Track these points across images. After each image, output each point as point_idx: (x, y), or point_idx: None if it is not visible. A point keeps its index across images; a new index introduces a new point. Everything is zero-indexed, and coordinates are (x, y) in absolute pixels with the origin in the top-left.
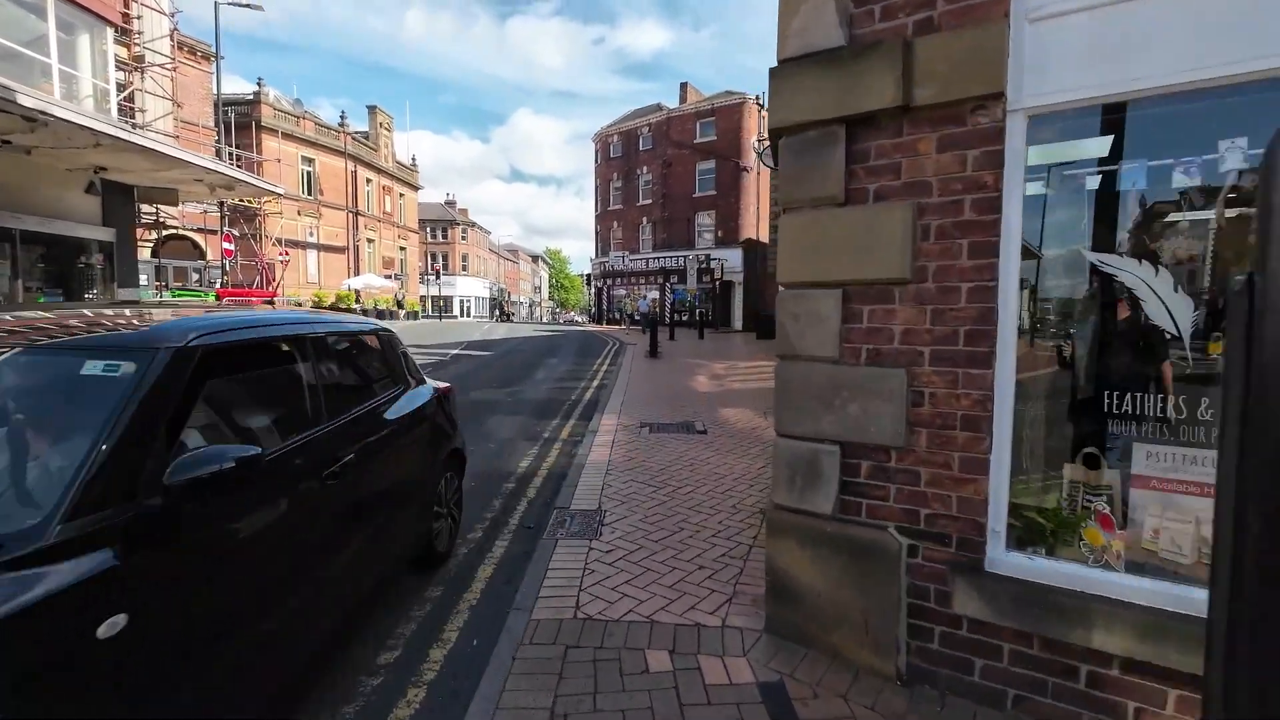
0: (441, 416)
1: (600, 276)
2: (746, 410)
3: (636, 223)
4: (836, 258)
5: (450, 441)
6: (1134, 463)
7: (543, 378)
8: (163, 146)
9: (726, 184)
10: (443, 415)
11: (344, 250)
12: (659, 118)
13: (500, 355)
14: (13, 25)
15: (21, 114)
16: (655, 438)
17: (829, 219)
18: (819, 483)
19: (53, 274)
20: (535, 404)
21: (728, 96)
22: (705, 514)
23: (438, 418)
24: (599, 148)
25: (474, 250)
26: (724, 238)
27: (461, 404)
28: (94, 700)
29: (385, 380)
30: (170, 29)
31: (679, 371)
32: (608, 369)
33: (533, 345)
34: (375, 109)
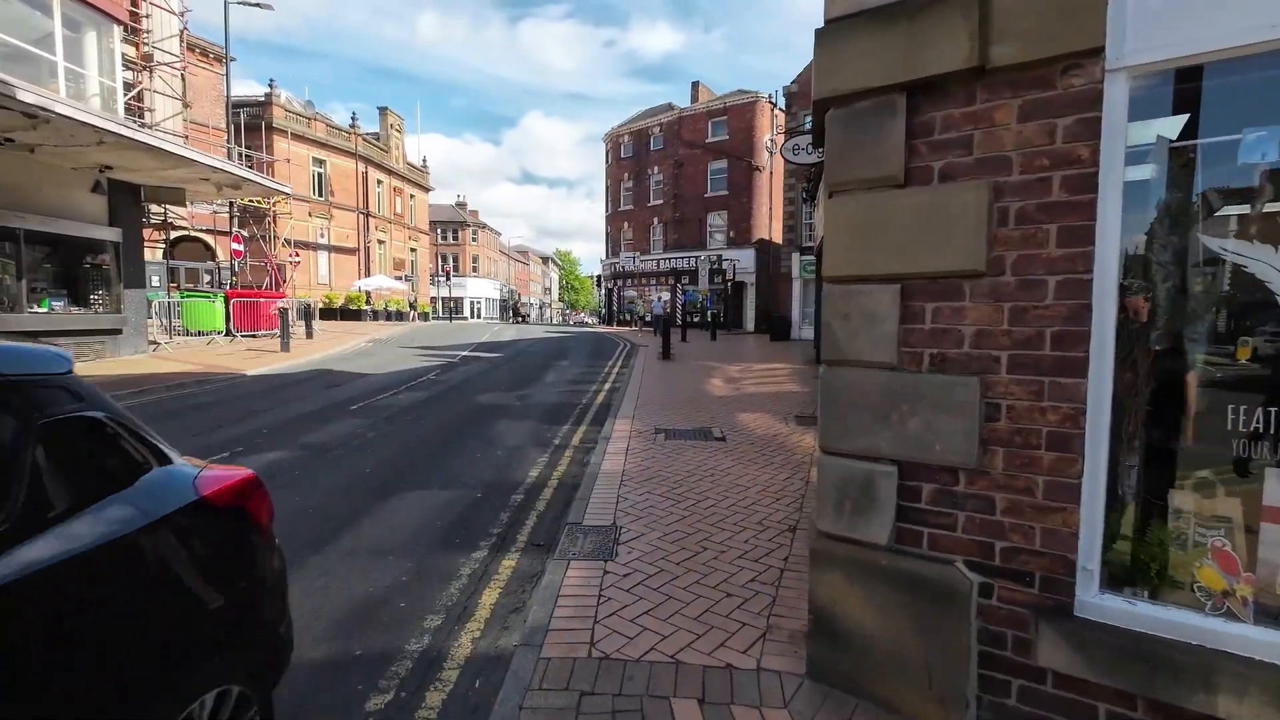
0: (216, 549)
1: (611, 278)
2: (765, 415)
3: (647, 223)
4: (894, 248)
5: (238, 618)
6: (1267, 492)
7: (553, 380)
8: (166, 144)
9: (739, 184)
10: (221, 549)
11: (355, 251)
12: (670, 117)
13: (510, 357)
14: (20, 24)
15: (22, 110)
16: (672, 445)
17: (885, 203)
18: (873, 508)
19: (59, 275)
20: (546, 408)
21: (740, 95)
22: (729, 531)
23: (191, 553)
24: (610, 148)
25: (484, 251)
26: (736, 238)
27: (471, 409)
28: None
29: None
30: (180, 29)
31: (693, 374)
32: (619, 371)
33: (543, 347)
34: (386, 110)
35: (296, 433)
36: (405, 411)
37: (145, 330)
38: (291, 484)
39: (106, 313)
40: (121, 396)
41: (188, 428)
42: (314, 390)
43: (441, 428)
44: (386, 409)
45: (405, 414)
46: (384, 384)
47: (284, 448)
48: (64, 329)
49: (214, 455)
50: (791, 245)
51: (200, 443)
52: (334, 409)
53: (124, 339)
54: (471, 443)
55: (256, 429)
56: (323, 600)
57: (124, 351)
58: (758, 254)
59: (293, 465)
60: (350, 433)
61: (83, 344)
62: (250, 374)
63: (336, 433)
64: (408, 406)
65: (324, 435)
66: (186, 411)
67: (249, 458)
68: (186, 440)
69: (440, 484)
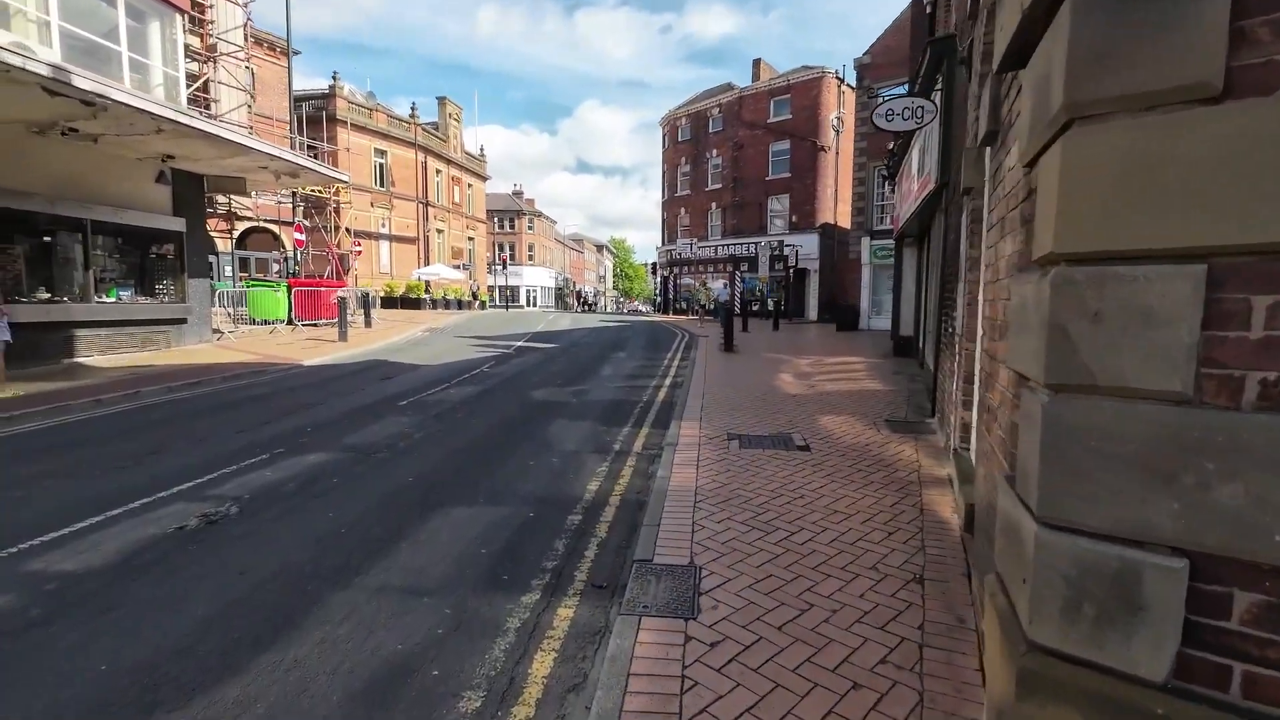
0: None
1: (666, 265)
2: (850, 419)
3: (705, 209)
4: (1196, 205)
5: None
6: None
7: (610, 374)
8: (219, 130)
9: (802, 165)
10: None
11: (414, 241)
12: (730, 97)
13: (565, 348)
14: (89, 16)
15: (80, 98)
16: (748, 455)
17: (1182, 129)
18: (1136, 620)
19: (126, 265)
20: (603, 407)
21: (805, 72)
22: (837, 579)
23: None
24: (666, 131)
25: (540, 240)
26: (799, 223)
27: (523, 406)
28: None
29: None
30: (244, 20)
31: (760, 368)
32: (680, 365)
33: (598, 337)
34: (445, 100)
35: (342, 431)
36: (455, 408)
37: (209, 319)
38: (328, 494)
39: (171, 302)
40: (178, 388)
41: (238, 422)
42: (367, 383)
43: (492, 428)
44: (436, 405)
45: (455, 411)
46: (436, 377)
47: (327, 449)
48: (131, 318)
49: (255, 456)
50: (860, 229)
51: (245, 440)
52: (384, 404)
53: (188, 328)
54: (524, 446)
55: (303, 426)
56: (342, 658)
57: (188, 340)
58: (822, 239)
59: (333, 470)
60: (397, 433)
61: (149, 333)
62: (307, 364)
63: (382, 433)
64: (458, 402)
65: (369, 435)
66: (241, 404)
67: (289, 460)
68: (232, 438)
69: (488, 498)
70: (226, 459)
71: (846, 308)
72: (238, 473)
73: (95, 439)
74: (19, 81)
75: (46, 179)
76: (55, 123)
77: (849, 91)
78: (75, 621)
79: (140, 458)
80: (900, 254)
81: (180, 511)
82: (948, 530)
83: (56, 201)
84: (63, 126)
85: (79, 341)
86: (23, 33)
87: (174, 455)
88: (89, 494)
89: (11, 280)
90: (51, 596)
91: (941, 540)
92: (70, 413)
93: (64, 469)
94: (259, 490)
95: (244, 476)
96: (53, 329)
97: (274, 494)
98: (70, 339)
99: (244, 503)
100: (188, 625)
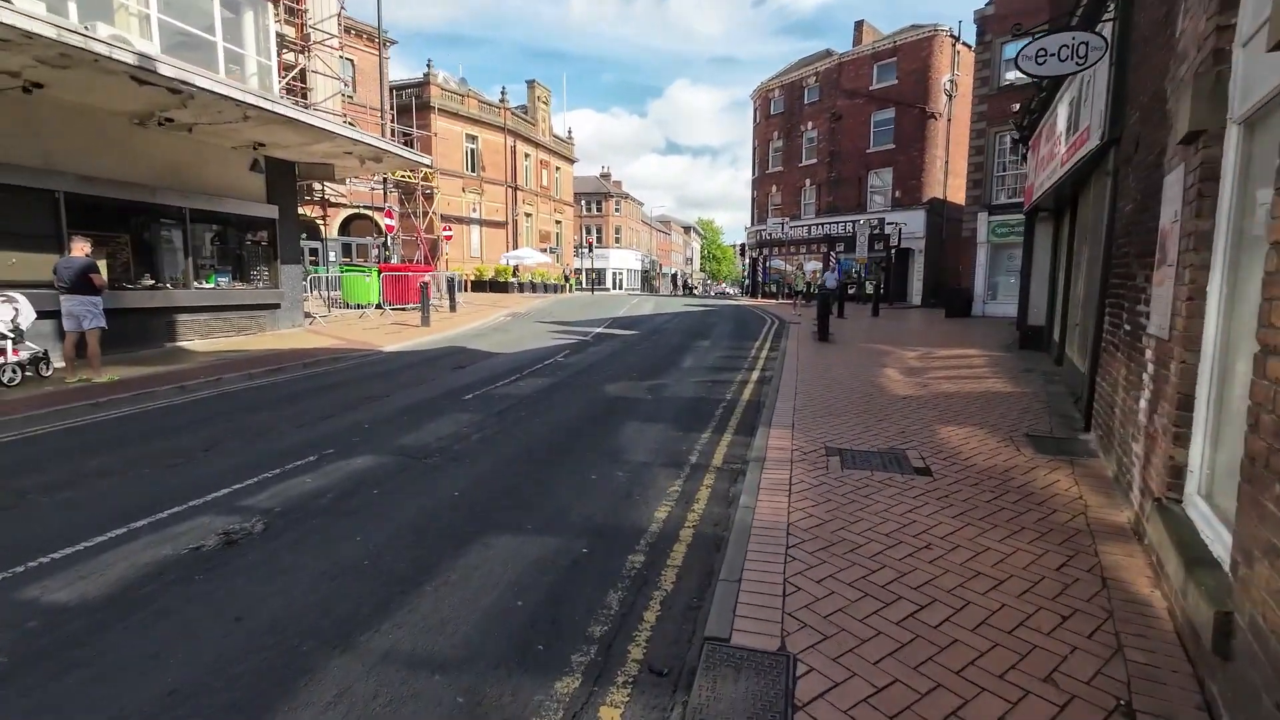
0: None
1: (755, 246)
2: (978, 430)
3: (798, 186)
4: None
5: None
6: None
7: (691, 366)
8: (301, 114)
9: (908, 135)
10: None
11: (504, 225)
12: (828, 65)
13: (645, 335)
14: (187, 8)
15: (167, 85)
16: (853, 479)
17: None
18: None
19: (223, 252)
20: (681, 406)
21: (913, 31)
22: (995, 696)
23: None
24: (758, 104)
25: (627, 222)
26: (902, 198)
27: (594, 403)
28: None
29: None
30: (338, 9)
31: (860, 361)
32: (769, 356)
33: (681, 323)
34: (534, 83)
35: (399, 429)
36: (521, 404)
37: (301, 304)
38: (363, 511)
39: (266, 288)
40: (259, 374)
41: (298, 416)
42: (439, 372)
43: (556, 429)
44: (502, 400)
45: (520, 408)
46: (509, 367)
47: (378, 450)
48: (228, 304)
49: (303, 458)
50: (977, 203)
51: (301, 437)
52: (449, 397)
53: (281, 313)
54: (588, 455)
55: (361, 422)
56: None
57: (281, 325)
58: (929, 216)
59: (377, 478)
60: (454, 433)
61: (245, 318)
62: (386, 350)
63: (440, 432)
64: (526, 397)
65: (426, 435)
66: (310, 394)
67: (335, 464)
68: (289, 433)
69: (538, 524)
70: (274, 460)
71: (957, 291)
72: (279, 478)
73: (163, 430)
74: (110, 71)
75: (150, 169)
76: (152, 113)
77: (965, 51)
78: (29, 683)
79: (193, 454)
80: (1032, 231)
81: (204, 527)
82: (1153, 620)
83: (158, 191)
84: (159, 117)
85: (180, 326)
86: (125, 26)
87: (225, 454)
88: (127, 499)
89: (121, 267)
90: (26, 639)
91: (1147, 638)
92: (155, 399)
93: (119, 465)
94: (293, 502)
95: (283, 484)
96: (158, 314)
97: (307, 507)
98: (173, 324)
99: (272, 517)
100: (147, 698)
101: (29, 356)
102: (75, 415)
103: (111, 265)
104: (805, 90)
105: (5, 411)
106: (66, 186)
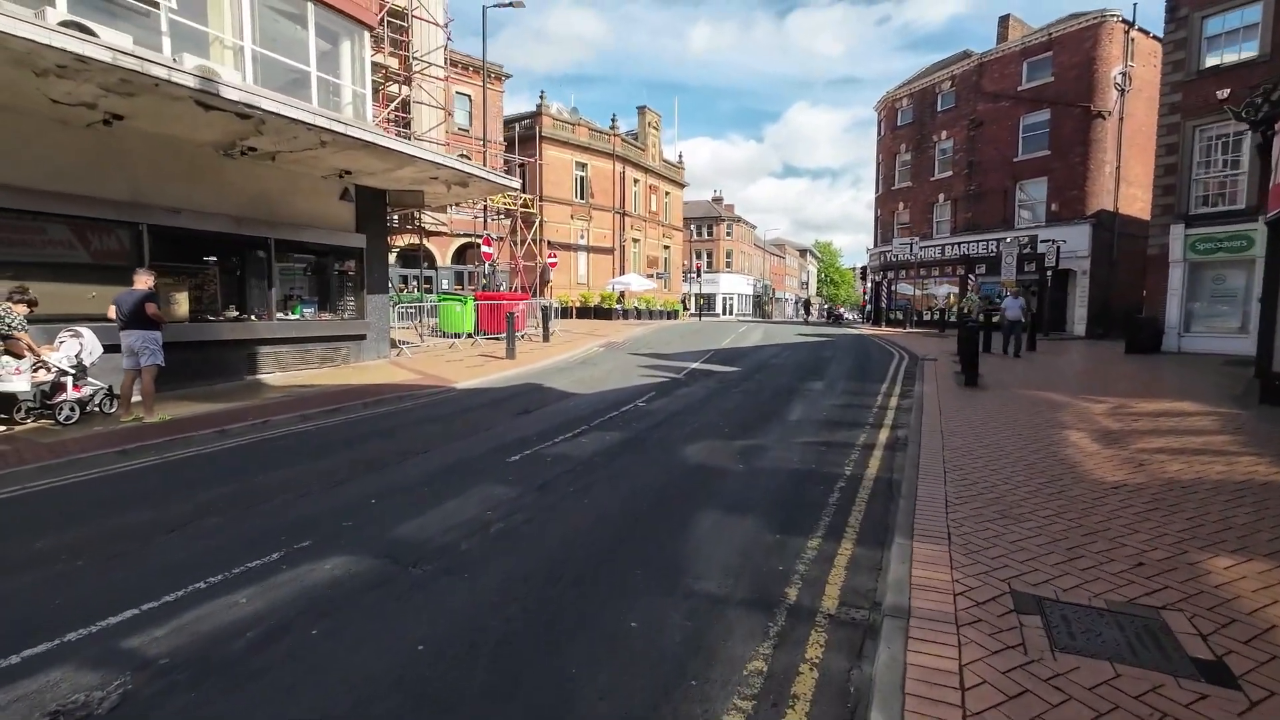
0: None
1: (878, 269)
2: (1273, 565)
3: (929, 202)
4: None
5: None
6: None
7: (799, 419)
8: (377, 137)
9: (1067, 139)
10: None
11: (611, 251)
12: (966, 67)
13: (747, 373)
14: (281, 39)
15: (233, 110)
16: (1082, 684)
17: None
18: None
19: (309, 283)
20: (781, 484)
21: (1073, 21)
22: None
23: None
24: (882, 117)
25: (739, 246)
26: (1060, 211)
27: (666, 473)
28: None
29: None
30: (444, 42)
31: (1028, 418)
32: (900, 403)
33: (791, 357)
34: (644, 109)
35: (408, 509)
36: (574, 472)
37: (387, 335)
38: (271, 674)
39: (351, 319)
40: (313, 415)
41: (312, 479)
42: (500, 418)
43: (605, 519)
44: (553, 465)
45: (570, 479)
46: (578, 414)
47: (362, 547)
48: (311, 335)
49: (265, 554)
50: (1169, 214)
51: (293, 514)
52: (492, 457)
53: (367, 344)
54: (634, 575)
55: (370, 495)
56: None
57: (366, 357)
58: (1095, 231)
59: (332, 604)
60: (474, 518)
61: (329, 349)
62: (458, 387)
63: (455, 517)
64: (582, 462)
65: (436, 520)
66: (348, 444)
67: (296, 569)
68: (282, 508)
69: None
70: (230, 555)
71: (1141, 321)
72: (209, 593)
73: (156, 493)
74: (174, 96)
75: (237, 200)
76: (233, 143)
77: (1140, 38)
78: None
79: (151, 538)
80: (1278, 244)
81: (45, 691)
82: None
83: (243, 222)
84: (241, 146)
85: (261, 359)
86: (219, 59)
87: (187, 539)
88: (43, 608)
89: (208, 299)
90: None
91: None
92: (190, 445)
93: (61, 550)
94: (194, 647)
95: (208, 605)
96: (239, 346)
97: (207, 659)
98: (254, 356)
99: (144, 679)
100: None
101: (92, 393)
102: (94, 466)
103: (199, 297)
104: (939, 97)
105: (22, 458)
106: (150, 219)
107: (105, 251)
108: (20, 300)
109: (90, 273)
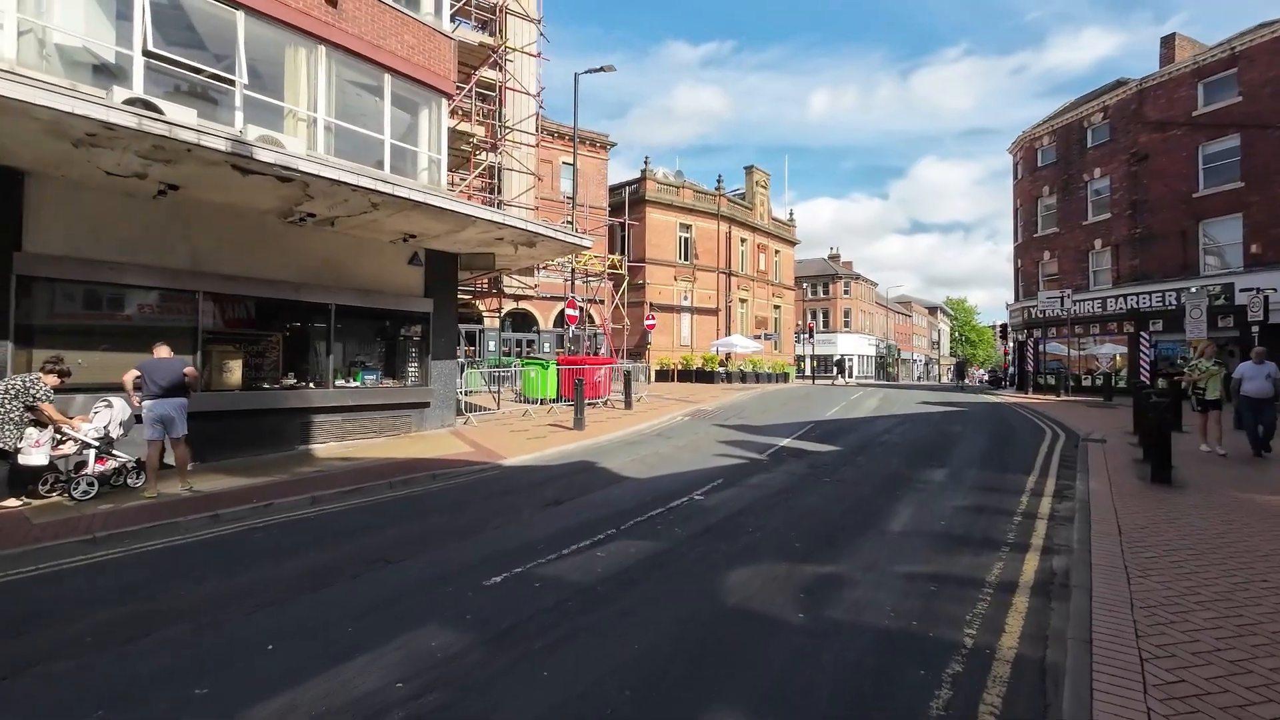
0: None
1: (1021, 326)
2: None
3: (1082, 249)
4: None
5: None
6: None
7: (903, 531)
8: (428, 197)
9: (1266, 166)
10: None
11: (716, 312)
12: (1121, 96)
13: (846, 455)
14: (357, 112)
15: (271, 174)
16: None
17: None
18: None
19: (374, 349)
20: (850, 666)
21: (1264, 30)
22: None
23: None
24: (1019, 159)
25: (857, 304)
26: (1263, 253)
27: (687, 627)
28: None
29: None
30: (535, 110)
31: (1269, 542)
32: (1055, 509)
33: (907, 433)
34: (752, 168)
35: (307, 663)
36: (555, 615)
37: (452, 403)
38: None
39: (415, 385)
40: (325, 499)
41: (235, 598)
42: (523, 509)
43: (556, 714)
44: (535, 599)
45: (544, 628)
46: (615, 509)
47: None
48: (369, 403)
49: None
50: None
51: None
52: (468, 576)
53: (430, 412)
54: None
55: (281, 631)
56: None
57: (429, 425)
58: None
59: None
60: (372, 694)
61: (389, 418)
62: (505, 464)
63: (351, 687)
64: (575, 595)
65: (321, 690)
66: (320, 542)
67: None
68: (167, 647)
69: None
70: None
71: None
72: None
73: (108, 597)
74: (208, 161)
75: (299, 266)
76: (290, 209)
77: None
78: None
79: (56, 676)
80: None
81: None
82: None
83: (302, 288)
84: (298, 213)
85: (315, 428)
86: (293, 132)
87: (90, 669)
88: None
89: (269, 365)
90: None
91: None
92: (172, 534)
93: None
94: None
95: None
96: (294, 415)
97: None
98: (308, 425)
99: None
100: None
101: (118, 466)
102: (61, 556)
103: (257, 364)
104: (1088, 131)
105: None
106: (207, 286)
107: (159, 317)
108: (51, 370)
109: (138, 338)
